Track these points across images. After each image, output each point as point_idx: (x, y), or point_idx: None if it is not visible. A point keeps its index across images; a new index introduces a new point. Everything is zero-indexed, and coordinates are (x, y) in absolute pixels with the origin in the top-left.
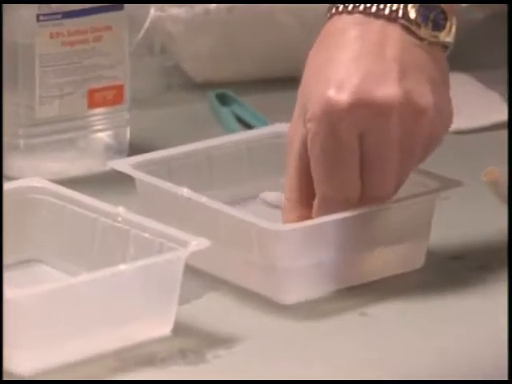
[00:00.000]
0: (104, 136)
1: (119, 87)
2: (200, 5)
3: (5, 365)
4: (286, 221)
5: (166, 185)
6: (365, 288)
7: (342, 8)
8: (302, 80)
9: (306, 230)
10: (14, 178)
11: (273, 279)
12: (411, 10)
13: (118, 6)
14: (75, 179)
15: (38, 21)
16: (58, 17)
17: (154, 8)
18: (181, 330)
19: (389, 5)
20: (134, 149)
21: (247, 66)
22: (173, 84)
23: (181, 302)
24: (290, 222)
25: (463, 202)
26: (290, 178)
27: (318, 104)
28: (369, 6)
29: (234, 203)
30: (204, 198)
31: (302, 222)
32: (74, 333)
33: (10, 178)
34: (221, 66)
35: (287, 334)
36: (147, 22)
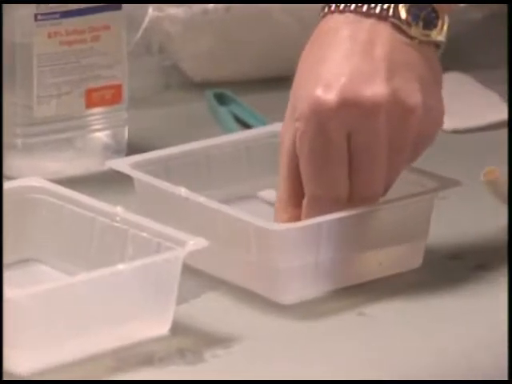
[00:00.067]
0: (102, 135)
1: (117, 87)
2: (198, 5)
3: (4, 365)
4: (277, 221)
5: (164, 184)
6: (363, 288)
7: (334, 7)
8: (294, 79)
9: (304, 229)
10: (11, 178)
11: (270, 279)
12: (402, 8)
13: (116, 6)
14: (73, 179)
15: (36, 20)
16: (56, 16)
17: (152, 8)
18: (179, 329)
19: (380, 4)
20: (132, 148)
21: (245, 66)
22: (171, 84)
23: (179, 302)
24: (281, 222)
25: (462, 201)
26: (281, 178)
27: (307, 103)
28: (360, 5)
29: (232, 203)
30: (202, 198)
31: (294, 221)
32: (72, 332)
33: (8, 178)
34: (219, 66)
35: (285, 333)
36: (145, 21)
